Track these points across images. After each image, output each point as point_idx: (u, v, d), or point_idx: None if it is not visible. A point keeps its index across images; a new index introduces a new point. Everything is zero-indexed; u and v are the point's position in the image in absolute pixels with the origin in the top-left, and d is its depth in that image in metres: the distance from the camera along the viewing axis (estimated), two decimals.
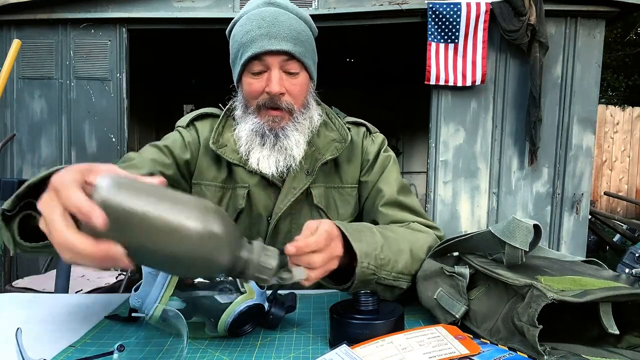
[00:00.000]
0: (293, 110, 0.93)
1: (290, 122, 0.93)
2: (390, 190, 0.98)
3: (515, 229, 0.60)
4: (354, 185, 1.03)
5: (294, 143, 0.92)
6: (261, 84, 0.91)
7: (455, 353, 0.56)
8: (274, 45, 0.88)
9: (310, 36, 0.96)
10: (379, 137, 1.07)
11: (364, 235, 0.74)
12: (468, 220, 3.43)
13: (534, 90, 3.14)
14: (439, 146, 3.40)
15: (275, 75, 0.90)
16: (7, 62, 1.63)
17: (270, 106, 0.91)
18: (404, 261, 0.76)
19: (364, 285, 0.71)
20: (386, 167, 1.03)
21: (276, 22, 0.89)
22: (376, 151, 1.04)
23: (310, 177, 0.96)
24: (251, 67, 0.92)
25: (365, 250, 0.71)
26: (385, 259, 0.73)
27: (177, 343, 0.64)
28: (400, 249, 0.77)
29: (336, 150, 0.99)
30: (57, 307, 0.81)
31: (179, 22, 3.36)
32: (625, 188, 6.75)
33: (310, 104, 0.98)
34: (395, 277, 0.75)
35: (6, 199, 0.61)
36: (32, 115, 3.45)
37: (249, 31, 0.90)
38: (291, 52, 0.89)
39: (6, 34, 3.38)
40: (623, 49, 9.27)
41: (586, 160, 3.33)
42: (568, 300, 0.51)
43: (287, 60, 0.90)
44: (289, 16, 0.92)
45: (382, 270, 0.72)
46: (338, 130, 1.02)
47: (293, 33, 0.90)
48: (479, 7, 3.09)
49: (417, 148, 6.96)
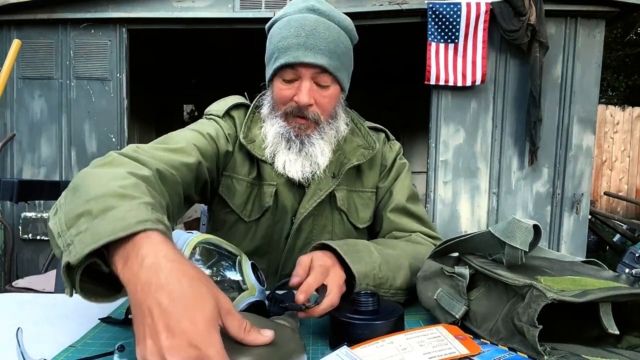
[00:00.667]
0: (319, 121, 0.93)
1: (316, 131, 0.94)
2: (400, 197, 1.02)
3: (515, 229, 0.60)
4: (373, 190, 1.06)
5: (319, 151, 0.93)
6: (291, 92, 0.91)
7: (455, 353, 0.56)
8: (309, 57, 0.87)
9: (348, 47, 0.97)
10: (396, 144, 1.11)
11: (362, 255, 0.76)
12: (468, 220, 3.43)
13: (534, 90, 3.14)
14: (439, 146, 3.40)
15: (305, 86, 0.90)
16: (7, 62, 1.63)
17: (297, 114, 0.92)
18: (403, 277, 0.79)
19: None
20: (400, 173, 1.07)
21: (314, 33, 0.88)
22: (393, 158, 1.08)
23: (336, 180, 0.98)
24: (283, 74, 0.91)
25: (363, 271, 0.73)
26: (383, 278, 0.76)
27: None
28: (398, 265, 0.80)
29: (363, 157, 1.00)
30: (57, 307, 0.81)
31: (179, 22, 3.36)
32: (625, 188, 6.75)
33: (338, 115, 0.98)
34: (394, 294, 0.78)
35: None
36: (32, 115, 3.45)
37: (286, 37, 0.89)
38: (325, 66, 0.89)
39: (6, 34, 3.38)
40: (623, 49, 9.27)
41: (586, 160, 3.33)
42: (568, 300, 0.51)
43: (319, 73, 0.90)
44: (328, 25, 0.91)
45: (380, 288, 0.75)
46: (364, 136, 1.05)
47: (330, 46, 0.89)
48: (479, 7, 3.09)
49: (417, 148, 6.95)
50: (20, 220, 3.37)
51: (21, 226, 3.36)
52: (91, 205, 0.54)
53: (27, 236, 3.36)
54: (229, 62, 5.63)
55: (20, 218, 3.37)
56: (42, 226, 3.37)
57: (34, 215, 3.37)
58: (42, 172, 3.46)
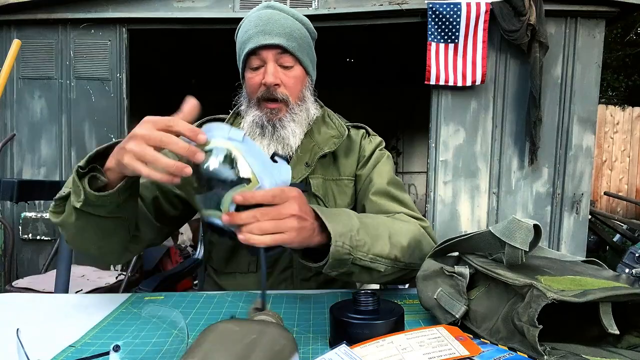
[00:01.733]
0: (289, 101, 1.00)
1: (287, 114, 1.00)
2: (381, 181, 1.05)
3: (515, 229, 0.60)
4: (350, 177, 1.10)
5: (290, 133, 1.00)
6: (259, 77, 0.99)
7: (455, 354, 0.56)
8: (268, 39, 0.97)
9: (305, 35, 1.04)
10: (376, 138, 1.16)
11: (340, 217, 0.76)
12: (468, 220, 3.43)
13: (534, 90, 3.14)
14: (439, 146, 3.40)
15: (270, 67, 0.98)
16: (7, 62, 1.63)
17: (267, 97, 0.99)
18: (382, 245, 0.79)
19: (340, 265, 0.73)
20: (379, 161, 1.10)
21: (270, 21, 0.98)
22: (372, 149, 1.11)
23: (308, 168, 1.04)
24: (250, 63, 1.01)
25: (340, 230, 0.72)
26: (361, 241, 0.75)
27: (177, 343, 0.64)
28: (378, 234, 0.79)
29: (334, 145, 1.07)
30: (57, 307, 0.81)
31: (179, 22, 3.36)
32: (625, 188, 6.75)
33: (306, 97, 1.05)
34: (372, 259, 0.77)
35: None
36: (32, 115, 3.45)
37: (247, 30, 1.00)
38: (284, 45, 0.97)
39: (6, 34, 3.38)
40: (623, 49, 9.26)
41: (586, 160, 3.33)
42: (568, 300, 0.51)
43: (281, 54, 0.99)
44: (283, 16, 1.01)
45: (357, 251, 0.74)
46: (337, 128, 1.10)
47: (286, 30, 0.99)
48: (479, 7, 3.09)
49: (417, 148, 6.96)
50: (20, 220, 3.37)
51: (21, 226, 3.36)
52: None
53: (27, 236, 3.36)
54: (229, 62, 5.63)
55: (20, 218, 3.37)
56: (42, 226, 3.37)
57: (34, 215, 3.37)
58: (42, 172, 3.46)
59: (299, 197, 0.68)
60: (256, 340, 0.48)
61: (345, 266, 0.74)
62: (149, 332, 0.68)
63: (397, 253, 0.80)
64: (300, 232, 0.67)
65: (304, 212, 0.68)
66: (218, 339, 0.48)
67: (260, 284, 0.67)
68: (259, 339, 0.49)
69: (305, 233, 0.68)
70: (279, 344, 0.50)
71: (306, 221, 0.68)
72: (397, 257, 0.80)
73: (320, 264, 0.73)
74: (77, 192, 0.70)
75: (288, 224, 0.65)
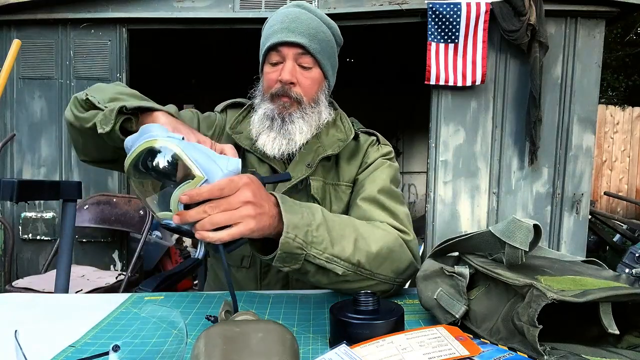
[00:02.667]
0: (302, 101, 0.99)
1: (298, 111, 0.99)
2: (372, 188, 1.00)
3: (515, 229, 0.60)
4: (349, 184, 1.07)
5: (297, 129, 0.98)
6: (276, 74, 0.99)
7: (455, 354, 0.56)
8: (290, 37, 0.96)
9: (330, 39, 1.03)
10: (385, 148, 1.11)
11: (301, 210, 0.72)
12: (468, 220, 3.43)
13: (534, 90, 3.14)
14: (439, 146, 3.40)
15: (288, 65, 0.98)
16: (7, 62, 1.63)
17: (281, 93, 0.98)
18: (343, 247, 0.74)
19: (291, 260, 0.69)
20: (378, 168, 1.05)
21: (297, 20, 0.98)
22: (376, 157, 1.07)
23: (309, 169, 1.01)
24: (270, 58, 1.00)
25: (295, 222, 0.69)
26: (318, 238, 0.71)
27: (177, 343, 0.64)
28: (342, 235, 0.75)
29: (338, 147, 1.04)
30: (57, 307, 0.81)
31: (179, 22, 3.36)
32: (625, 188, 6.75)
33: (320, 101, 1.03)
34: (328, 259, 0.72)
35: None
36: (32, 115, 3.45)
37: (273, 25, 1.00)
38: (305, 45, 0.97)
39: (6, 34, 3.38)
40: (623, 49, 9.26)
41: (586, 160, 3.33)
42: (568, 300, 0.51)
43: (301, 54, 0.98)
44: (310, 17, 1.00)
45: (312, 247, 0.70)
46: (345, 131, 1.08)
47: (311, 30, 0.98)
48: (479, 7, 3.09)
49: (417, 148, 6.95)
50: (20, 220, 3.37)
51: (21, 226, 3.36)
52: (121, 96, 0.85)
53: (27, 236, 3.35)
54: (229, 62, 5.62)
55: (20, 218, 3.37)
56: (42, 226, 3.36)
57: (34, 215, 3.37)
58: (42, 172, 3.46)
59: (252, 183, 0.64)
60: (265, 338, 0.48)
61: (297, 262, 0.70)
62: (149, 332, 0.68)
63: (362, 258, 0.76)
64: (258, 220, 0.63)
65: (259, 198, 0.64)
66: (228, 342, 0.47)
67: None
68: (268, 336, 0.48)
69: (264, 220, 0.65)
70: (287, 338, 0.49)
71: (262, 207, 0.64)
72: (361, 263, 0.76)
73: (270, 257, 0.69)
74: (106, 122, 0.76)
75: (242, 212, 0.62)
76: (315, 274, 0.74)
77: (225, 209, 0.61)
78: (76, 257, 3.15)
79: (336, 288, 0.81)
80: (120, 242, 3.29)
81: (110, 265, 3.28)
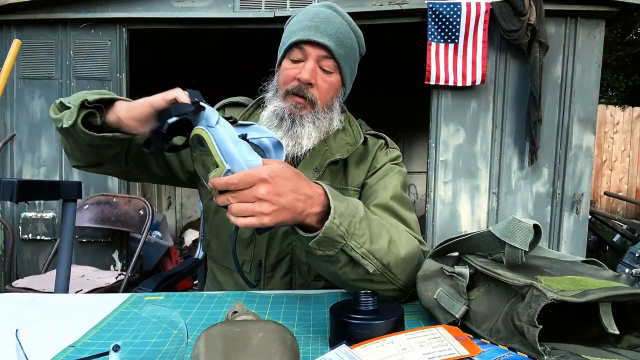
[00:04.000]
0: (316, 104, 0.97)
1: (310, 115, 0.97)
2: (385, 195, 0.97)
3: (515, 229, 0.60)
4: (357, 188, 1.04)
5: (306, 134, 0.96)
6: (296, 71, 0.96)
7: (455, 354, 0.56)
8: (318, 37, 0.94)
9: (355, 47, 1.02)
10: (394, 152, 1.09)
11: (347, 201, 0.73)
12: (468, 220, 3.43)
13: (534, 90, 3.14)
14: (439, 146, 3.40)
15: (309, 64, 0.95)
16: (7, 62, 1.63)
17: (297, 92, 0.96)
18: (379, 245, 0.74)
19: (329, 245, 0.69)
20: (387, 174, 1.03)
21: (327, 21, 0.96)
22: (385, 161, 1.06)
23: (317, 173, 0.99)
24: (292, 54, 0.98)
25: (342, 210, 0.69)
26: (360, 230, 0.71)
27: (177, 343, 0.64)
28: (379, 234, 0.75)
29: (346, 152, 1.02)
30: (57, 307, 0.81)
31: (179, 22, 3.36)
32: (625, 188, 6.75)
33: (334, 107, 1.01)
34: (364, 254, 0.72)
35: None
36: (32, 115, 3.45)
37: (301, 21, 0.98)
38: (332, 49, 0.95)
39: (6, 34, 3.38)
40: (623, 49, 9.26)
41: (586, 160, 3.33)
42: (568, 300, 0.51)
43: (325, 57, 0.96)
44: (340, 21, 0.99)
45: (352, 238, 0.70)
46: (354, 135, 1.06)
47: (339, 34, 0.96)
48: (479, 7, 3.09)
49: (417, 148, 6.95)
50: (20, 220, 3.37)
51: (21, 226, 3.36)
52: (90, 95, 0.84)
53: (27, 236, 3.35)
54: (229, 62, 5.62)
55: (20, 218, 3.37)
56: (42, 226, 3.36)
57: (34, 215, 3.37)
58: (42, 172, 3.46)
59: (270, 180, 0.64)
60: (266, 338, 0.48)
61: (334, 249, 0.70)
62: (149, 332, 0.68)
63: (391, 261, 0.76)
64: (273, 216, 0.65)
65: (275, 194, 0.64)
66: (228, 342, 0.47)
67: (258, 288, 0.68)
68: (268, 336, 0.49)
69: (282, 216, 0.65)
70: (287, 338, 0.50)
71: (279, 203, 0.64)
72: (390, 265, 0.76)
73: (310, 235, 0.69)
74: (70, 117, 0.80)
75: (255, 208, 0.64)
76: (345, 265, 0.73)
77: (241, 201, 0.64)
78: (76, 257, 3.15)
79: (355, 285, 0.77)
80: (120, 242, 3.29)
81: (110, 265, 3.28)
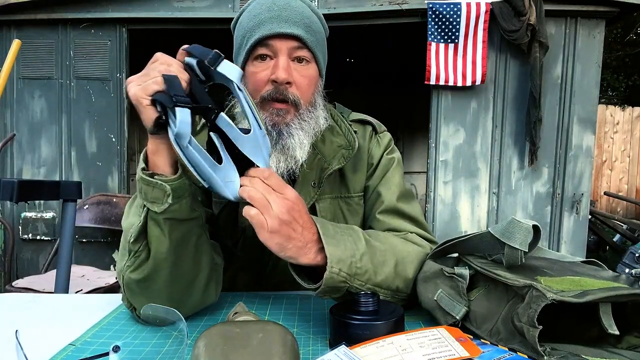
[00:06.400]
0: (299, 104, 0.83)
1: (296, 119, 0.84)
2: (390, 197, 0.93)
3: (514, 229, 0.60)
4: (360, 194, 0.97)
5: (297, 143, 0.83)
6: (266, 72, 0.82)
7: (455, 355, 0.55)
8: (284, 28, 0.80)
9: (321, 30, 0.90)
10: (385, 137, 1.00)
11: (345, 239, 0.70)
12: (468, 220, 3.43)
13: (534, 90, 3.14)
14: (439, 146, 3.40)
15: (282, 61, 0.81)
16: (7, 62, 1.63)
17: (276, 97, 0.82)
18: (385, 274, 0.73)
19: (334, 292, 0.69)
20: (388, 170, 0.97)
21: (288, 7, 0.82)
22: (380, 154, 0.98)
23: (316, 189, 0.91)
24: (256, 53, 0.83)
25: (339, 255, 0.67)
26: (362, 269, 0.70)
27: (177, 344, 0.64)
28: (384, 261, 0.73)
29: (343, 159, 0.92)
30: (57, 307, 0.81)
31: (179, 22, 3.36)
32: (625, 188, 6.75)
33: (317, 103, 0.89)
34: (370, 289, 0.71)
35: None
36: (32, 115, 3.45)
37: (258, 15, 0.82)
38: (303, 38, 0.82)
39: (6, 34, 3.38)
40: (623, 49, 9.26)
41: (586, 160, 3.33)
42: (568, 300, 0.51)
43: (297, 48, 0.82)
44: (301, 4, 0.85)
45: (355, 279, 0.69)
46: (344, 134, 0.95)
47: (306, 20, 0.83)
48: (479, 7, 3.09)
49: (417, 148, 6.95)
50: (20, 220, 3.37)
51: (21, 226, 3.36)
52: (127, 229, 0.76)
53: (27, 236, 3.36)
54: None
55: (20, 218, 3.37)
56: (42, 226, 3.37)
57: (34, 215, 3.37)
58: (42, 172, 3.46)
59: (296, 205, 0.66)
60: (266, 338, 0.48)
61: (339, 293, 0.69)
62: (149, 333, 0.68)
63: (400, 284, 0.74)
64: (283, 241, 0.65)
65: (289, 216, 0.65)
66: (228, 342, 0.48)
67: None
68: (268, 337, 0.49)
69: (277, 239, 0.65)
70: (287, 339, 0.50)
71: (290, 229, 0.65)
72: (400, 289, 0.75)
73: (313, 287, 0.69)
74: (156, 197, 0.65)
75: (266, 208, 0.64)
76: None
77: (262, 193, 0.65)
78: (76, 257, 3.15)
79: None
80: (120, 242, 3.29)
81: (110, 265, 3.28)
